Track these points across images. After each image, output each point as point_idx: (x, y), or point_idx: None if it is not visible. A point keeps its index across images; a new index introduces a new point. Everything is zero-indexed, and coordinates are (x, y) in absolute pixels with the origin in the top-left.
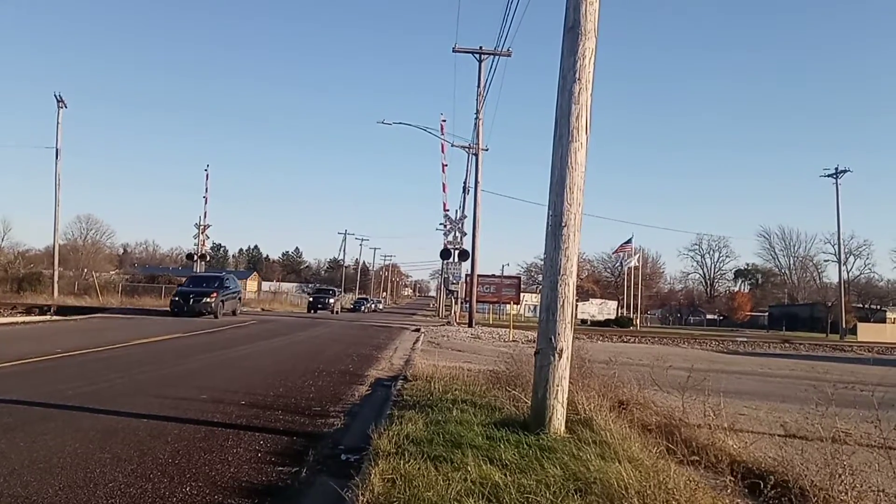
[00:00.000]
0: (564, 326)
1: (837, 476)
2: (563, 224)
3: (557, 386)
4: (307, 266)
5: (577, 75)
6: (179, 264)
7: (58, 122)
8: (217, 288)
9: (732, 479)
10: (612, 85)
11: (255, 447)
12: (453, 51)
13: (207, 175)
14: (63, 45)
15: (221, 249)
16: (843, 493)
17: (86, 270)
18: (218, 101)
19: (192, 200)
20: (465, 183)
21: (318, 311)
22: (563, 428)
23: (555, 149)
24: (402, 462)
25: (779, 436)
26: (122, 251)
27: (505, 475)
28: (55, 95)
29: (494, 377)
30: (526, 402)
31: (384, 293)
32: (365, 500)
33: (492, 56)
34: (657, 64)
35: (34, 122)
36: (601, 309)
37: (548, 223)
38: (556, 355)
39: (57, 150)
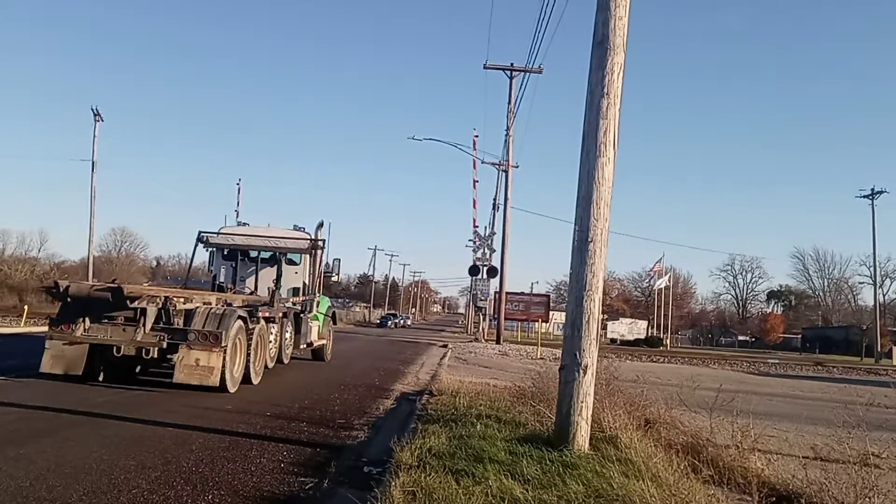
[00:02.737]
0: (589, 342)
1: (865, 497)
2: (590, 239)
3: (582, 402)
4: (337, 281)
5: (605, 90)
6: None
7: (94, 136)
8: None
9: (759, 499)
10: (642, 101)
11: (279, 457)
12: (484, 67)
13: (239, 189)
14: (100, 60)
15: None
16: None
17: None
18: (251, 118)
19: (224, 215)
20: (494, 200)
21: None
22: (586, 445)
23: (582, 164)
24: (423, 475)
25: (807, 458)
26: (155, 263)
27: (526, 490)
28: (92, 109)
29: (520, 393)
30: (550, 418)
31: (413, 309)
32: None
33: (522, 73)
34: (690, 82)
35: (71, 136)
36: (631, 328)
37: (574, 238)
38: (581, 371)
39: (93, 162)
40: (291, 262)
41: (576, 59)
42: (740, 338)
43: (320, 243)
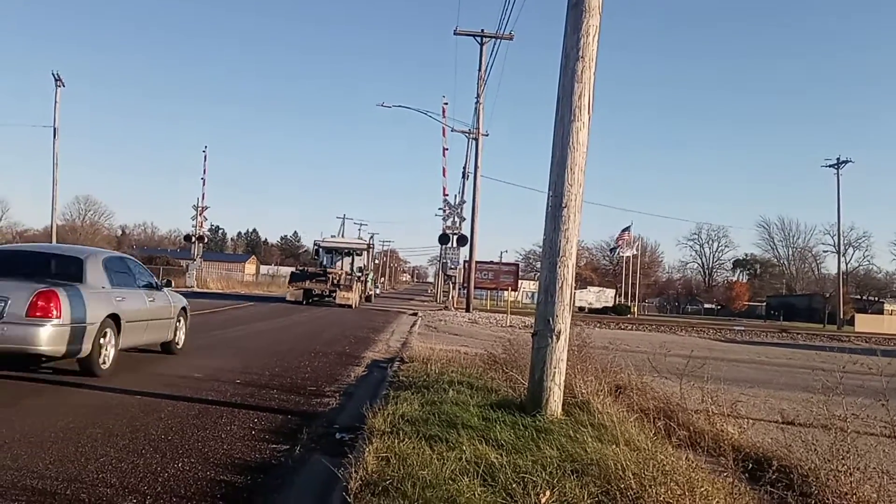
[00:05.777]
0: (563, 308)
1: (839, 459)
2: (564, 205)
3: (555, 368)
4: (305, 250)
5: (580, 53)
6: (178, 246)
7: (56, 101)
8: None
9: (733, 462)
10: (613, 75)
11: (250, 425)
12: (454, 33)
13: (206, 156)
14: (65, 26)
15: (220, 232)
16: (844, 476)
17: None
18: (219, 86)
19: (191, 183)
20: (464, 168)
21: None
22: (559, 410)
23: (556, 128)
24: (396, 441)
25: (775, 422)
26: (120, 232)
27: (500, 455)
28: (53, 74)
29: (491, 360)
30: (523, 384)
31: (382, 278)
32: (358, 477)
33: (493, 39)
34: (658, 54)
35: (34, 101)
36: (599, 297)
37: (548, 204)
38: (554, 337)
39: (55, 129)
40: (358, 255)
41: (548, 26)
42: (706, 306)
43: (372, 244)
